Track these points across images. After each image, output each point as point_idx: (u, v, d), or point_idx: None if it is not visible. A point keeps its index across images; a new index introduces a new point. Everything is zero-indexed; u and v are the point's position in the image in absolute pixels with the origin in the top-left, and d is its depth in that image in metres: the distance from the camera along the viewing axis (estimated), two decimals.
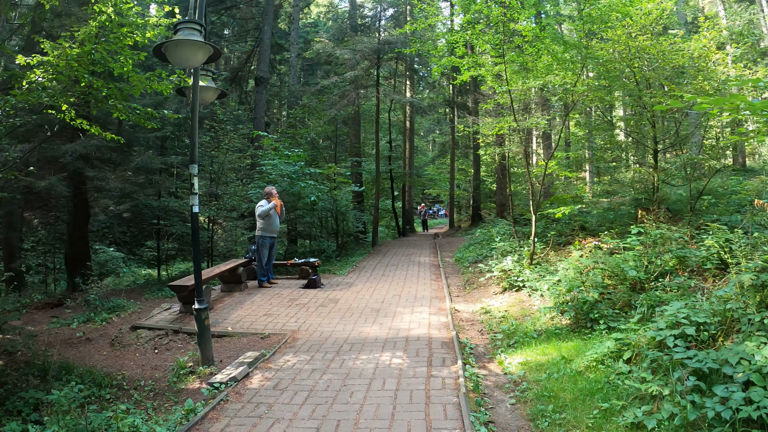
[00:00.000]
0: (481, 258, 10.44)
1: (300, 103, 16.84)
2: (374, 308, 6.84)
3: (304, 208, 11.73)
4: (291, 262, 9.39)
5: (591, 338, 5.15)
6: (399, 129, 29.04)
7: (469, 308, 6.85)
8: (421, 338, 5.43)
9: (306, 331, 5.95)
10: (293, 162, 11.22)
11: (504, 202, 20.61)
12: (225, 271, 8.30)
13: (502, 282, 7.55)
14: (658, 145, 10.00)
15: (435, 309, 6.72)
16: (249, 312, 7.01)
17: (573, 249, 9.10)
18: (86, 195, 14.44)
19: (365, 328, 5.93)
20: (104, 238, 19.72)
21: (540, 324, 5.81)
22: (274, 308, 7.12)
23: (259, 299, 7.75)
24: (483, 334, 5.81)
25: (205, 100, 5.92)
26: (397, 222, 24.63)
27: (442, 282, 8.69)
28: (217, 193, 14.66)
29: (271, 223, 8.53)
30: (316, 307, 7.06)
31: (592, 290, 5.51)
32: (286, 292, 8.16)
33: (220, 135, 14.92)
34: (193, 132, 5.13)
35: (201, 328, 5.07)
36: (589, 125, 11.17)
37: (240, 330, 6.21)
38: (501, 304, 6.74)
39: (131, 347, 6.35)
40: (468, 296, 7.57)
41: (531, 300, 6.79)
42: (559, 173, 8.91)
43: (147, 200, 16.16)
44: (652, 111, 9.04)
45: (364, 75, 16.81)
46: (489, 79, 8.30)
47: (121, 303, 8.76)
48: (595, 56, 7.70)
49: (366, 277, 9.46)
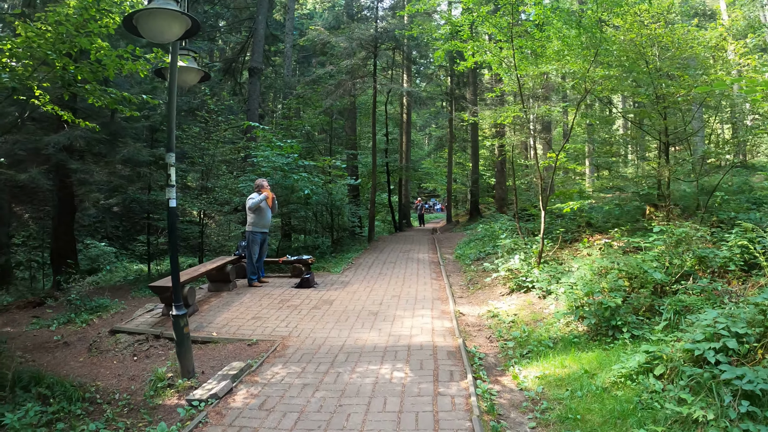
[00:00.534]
0: (484, 255, 9.95)
1: (294, 94, 16.22)
2: (372, 311, 6.32)
3: (298, 202, 11.17)
4: (283, 259, 8.85)
5: (613, 348, 4.66)
6: (395, 122, 28.47)
7: (474, 311, 6.35)
8: (424, 347, 4.92)
9: (297, 337, 5.43)
10: (286, 154, 10.64)
11: (503, 196, 20.14)
12: (212, 269, 7.76)
13: (509, 282, 7.05)
14: (669, 137, 9.52)
15: (438, 312, 6.21)
16: (236, 314, 6.48)
17: (582, 247, 8.65)
18: (72, 188, 13.84)
19: (362, 334, 5.41)
20: (96, 232, 19.24)
21: (555, 330, 5.32)
22: (263, 310, 6.59)
23: (248, 300, 7.21)
24: (492, 341, 5.31)
25: (187, 83, 5.35)
26: (393, 216, 24.11)
27: (443, 281, 8.18)
28: (207, 186, 14.09)
29: (262, 217, 7.99)
30: (309, 309, 6.53)
31: (614, 294, 5.02)
32: (277, 292, 7.62)
33: (211, 126, 14.32)
34: (170, 116, 4.56)
35: (180, 336, 4.55)
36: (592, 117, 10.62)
37: (226, 335, 5.69)
38: (509, 307, 6.25)
39: (109, 353, 5.83)
40: (472, 297, 7.07)
41: (542, 303, 6.30)
42: (568, 166, 8.40)
43: (136, 194, 15.56)
44: (666, 102, 8.55)
45: (361, 64, 16.21)
46: (495, 65, 7.76)
47: (104, 303, 8.20)
48: (610, 40, 7.18)
49: (362, 276, 8.94)
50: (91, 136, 14.11)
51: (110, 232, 19.88)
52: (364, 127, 26.46)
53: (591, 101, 17.81)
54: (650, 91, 8.01)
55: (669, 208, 9.15)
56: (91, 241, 18.67)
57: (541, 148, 20.23)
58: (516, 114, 7.95)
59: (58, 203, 14.15)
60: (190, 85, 5.48)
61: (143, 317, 6.88)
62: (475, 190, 22.55)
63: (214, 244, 15.86)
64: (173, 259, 4.58)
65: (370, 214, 15.80)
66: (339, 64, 15.16)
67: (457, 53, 22.66)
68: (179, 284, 4.54)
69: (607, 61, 7.36)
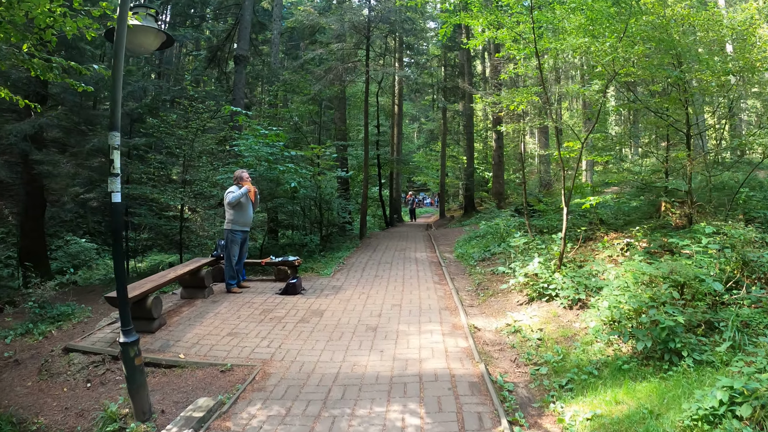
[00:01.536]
0: (489, 255, 9.03)
1: (281, 79, 15.09)
2: (370, 325, 5.35)
3: (284, 196, 10.13)
4: (266, 260, 7.82)
5: (673, 377, 3.77)
6: (386, 114, 27.43)
7: (490, 324, 5.42)
8: (439, 376, 3.97)
9: (281, 361, 4.44)
10: (272, 142, 9.58)
11: (501, 191, 19.30)
12: (184, 274, 6.71)
13: (526, 289, 6.14)
14: (691, 128, 8.68)
15: (448, 326, 5.27)
16: (210, 329, 5.46)
17: (601, 247, 7.79)
18: (41, 182, 12.63)
19: (361, 357, 4.44)
20: (77, 228, 18.17)
21: (594, 352, 4.41)
22: (242, 324, 5.58)
23: (225, 310, 6.19)
24: (519, 365, 4.38)
25: (143, 47, 4.30)
26: (384, 211, 23.12)
27: (448, 286, 7.24)
28: (185, 178, 12.97)
29: (243, 213, 6.96)
30: (296, 322, 5.53)
31: (672, 310, 4.12)
32: (259, 299, 6.61)
33: (191, 114, 13.18)
34: (114, 87, 3.52)
35: (130, 370, 3.55)
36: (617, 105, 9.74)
37: (195, 358, 4.69)
38: (532, 320, 5.32)
39: (60, 377, 4.83)
40: (485, 306, 6.14)
41: (569, 314, 5.40)
42: (594, 158, 7.50)
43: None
44: (695, 89, 7.70)
45: (353, 50, 15.14)
46: (508, 42, 6.80)
47: (66, 311, 7.09)
48: (641, 12, 6.25)
49: (356, 279, 7.96)
50: (56, 124, 12.92)
51: (92, 228, 18.82)
52: (353, 120, 25.42)
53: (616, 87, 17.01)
54: (681, 76, 7.12)
55: (690, 205, 8.33)
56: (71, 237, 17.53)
57: (537, 143, 19.38)
58: (530, 98, 7.00)
59: (26, 197, 12.94)
60: (148, 52, 4.42)
61: (103, 331, 5.86)
62: (470, 184, 21.66)
63: (195, 241, 14.77)
64: (118, 271, 3.55)
65: (362, 209, 14.79)
66: (329, 47, 14.06)
67: (451, 40, 21.70)
68: (126, 304, 3.51)
69: (638, 38, 6.43)
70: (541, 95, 6.75)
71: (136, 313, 5.64)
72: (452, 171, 29.71)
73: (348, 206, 14.71)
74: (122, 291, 3.49)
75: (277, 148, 9.68)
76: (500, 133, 17.13)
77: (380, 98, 24.57)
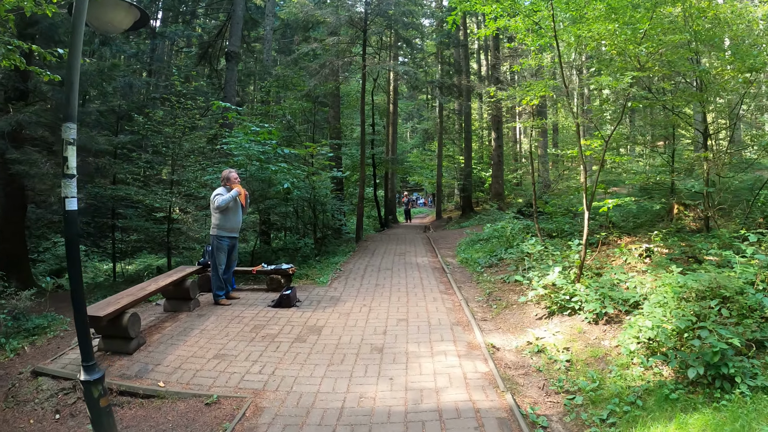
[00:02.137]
0: (497, 261, 8.48)
1: (273, 75, 14.44)
2: (375, 345, 4.76)
3: (276, 197, 9.51)
4: (257, 268, 7.20)
5: (728, 407, 3.23)
6: (381, 113, 26.87)
7: (509, 342, 4.86)
8: (461, 411, 3.39)
9: (276, 391, 3.84)
10: (263, 140, 8.95)
11: (500, 191, 18.80)
12: (167, 285, 6.08)
13: (544, 301, 5.59)
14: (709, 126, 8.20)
15: (463, 345, 4.69)
16: (195, 350, 4.85)
17: (619, 253, 7.26)
18: (20, 182, 11.89)
19: (368, 387, 3.86)
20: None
21: (633, 378, 3.86)
22: (230, 343, 4.97)
23: (212, 326, 5.58)
24: (549, 394, 3.82)
25: (113, 24, 3.67)
26: (379, 212, 22.53)
27: (456, 296, 6.67)
28: (173, 179, 12.31)
29: (231, 218, 6.34)
30: (291, 342, 4.93)
31: (726, 332, 3.58)
32: (249, 313, 5.99)
33: (178, 110, 12.51)
34: (72, 66, 2.90)
35: (95, 414, 2.94)
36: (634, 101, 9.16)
37: (177, 386, 4.07)
38: (555, 338, 4.77)
39: (27, 406, 4.23)
40: (500, 321, 5.57)
41: (596, 330, 4.85)
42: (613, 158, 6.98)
43: (94, 188, 13.63)
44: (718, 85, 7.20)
45: (348, 45, 14.54)
46: (522, 32, 6.25)
47: (42, 323, 6.41)
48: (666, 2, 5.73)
49: (356, 288, 7.36)
50: (36, 121, 12.18)
51: (81, 229, 18.13)
52: (347, 119, 24.84)
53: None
54: (707, 71, 6.63)
55: (711, 207, 7.84)
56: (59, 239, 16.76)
57: (539, 145, 18.90)
58: (545, 93, 6.45)
59: (5, 198, 12.18)
60: (119, 30, 3.80)
61: (76, 351, 5.26)
62: (468, 184, 21.14)
63: (185, 244, 14.09)
64: (76, 293, 2.92)
65: (358, 210, 14.19)
66: (324, 42, 13.44)
67: (447, 36, 21.18)
68: (87, 334, 2.89)
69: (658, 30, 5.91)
70: (555, 90, 6.18)
71: (112, 331, 5.04)
72: (447, 171, 29.23)
73: (343, 207, 14.11)
74: (81, 317, 2.87)
75: (269, 147, 9.06)
76: (500, 132, 16.64)
77: (375, 97, 24.02)
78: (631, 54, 5.11)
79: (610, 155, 7.32)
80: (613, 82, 4.76)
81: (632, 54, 5.07)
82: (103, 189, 12.96)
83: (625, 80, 4.55)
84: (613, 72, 5.26)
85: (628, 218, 9.60)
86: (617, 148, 10.51)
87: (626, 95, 5.37)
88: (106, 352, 5.05)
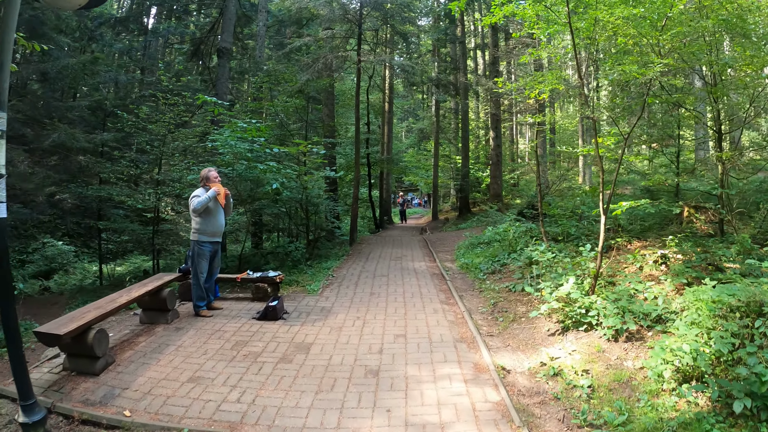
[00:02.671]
0: (500, 267, 7.98)
1: (264, 69, 13.86)
2: (370, 367, 4.22)
3: (265, 198, 8.95)
4: (242, 276, 6.63)
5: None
6: (376, 112, 26.33)
7: (520, 363, 4.33)
8: None
9: (255, 425, 3.30)
10: (250, 138, 8.39)
11: (498, 192, 18.30)
12: (143, 295, 5.52)
13: (556, 314, 5.08)
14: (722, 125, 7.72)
15: (469, 368, 4.17)
16: (168, 371, 4.30)
17: (631, 259, 6.77)
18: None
19: (362, 420, 3.32)
20: (56, 229, 16.85)
21: (666, 407, 3.36)
22: (208, 363, 4.42)
23: (189, 342, 5.03)
24: (570, 427, 3.30)
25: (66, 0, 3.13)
26: (374, 213, 21.98)
27: (458, 307, 6.15)
28: (157, 179, 11.72)
29: (211, 221, 5.79)
30: (276, 362, 4.39)
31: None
32: (231, 327, 5.44)
33: (164, 107, 11.92)
34: (4, 43, 2.35)
35: None
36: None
37: (145, 416, 3.53)
38: (572, 358, 4.26)
39: None
40: (507, 336, 5.05)
41: (617, 349, 4.34)
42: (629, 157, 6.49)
43: (78, 188, 13.03)
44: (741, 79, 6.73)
45: (344, 38, 13.99)
46: (531, 20, 5.74)
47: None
48: None
49: (348, 298, 6.82)
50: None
51: (71, 229, 17.55)
52: (341, 118, 24.30)
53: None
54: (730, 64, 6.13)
55: (730, 210, 7.37)
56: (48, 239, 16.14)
57: (538, 145, 18.41)
58: (554, 87, 5.93)
59: None
60: (73, 7, 3.25)
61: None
62: (465, 185, 20.63)
63: (171, 248, 13.52)
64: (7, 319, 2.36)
65: (352, 211, 13.64)
66: (317, 35, 12.88)
67: (444, 33, 20.66)
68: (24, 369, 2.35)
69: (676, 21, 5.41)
70: (565, 83, 5.66)
71: (76, 349, 4.50)
72: (443, 171, 28.75)
73: (336, 208, 13.55)
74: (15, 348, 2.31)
75: (258, 144, 8.50)
76: (499, 131, 16.14)
77: (370, 96, 23.48)
78: (653, 41, 4.61)
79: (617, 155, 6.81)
80: (642, 70, 4.25)
81: (655, 41, 4.57)
82: (85, 189, 12.37)
83: (655, 69, 4.06)
84: (633, 63, 4.74)
85: (634, 221, 9.13)
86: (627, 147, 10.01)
87: (648, 88, 4.87)
88: (71, 372, 4.50)
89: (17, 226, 14.59)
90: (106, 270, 15.67)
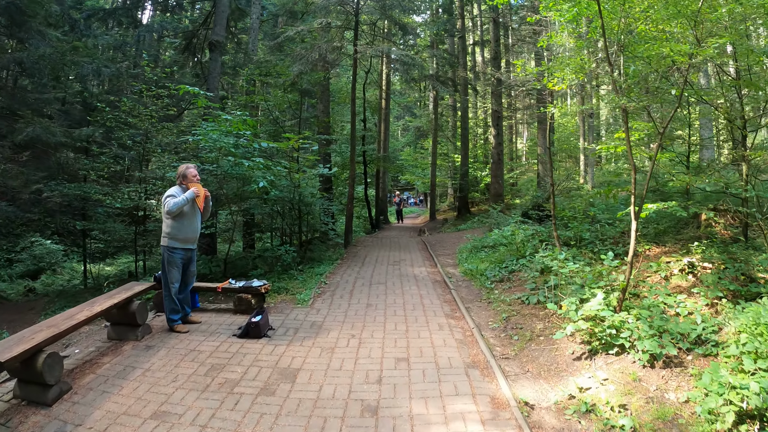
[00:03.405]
0: (508, 274, 7.33)
1: (255, 61, 13.15)
2: (367, 403, 3.55)
3: (252, 197, 8.27)
4: (223, 285, 5.93)
5: None
6: (373, 109, 25.63)
7: (545, 395, 3.68)
8: None
9: None
10: (235, 131, 7.70)
11: (500, 192, 17.68)
12: (110, 308, 4.84)
13: (580, 333, 4.43)
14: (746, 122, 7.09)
15: (486, 402, 3.51)
16: (130, 403, 3.63)
17: (655, 268, 6.14)
18: None
19: None
20: (45, 228, 16.19)
21: None
22: (177, 393, 3.74)
23: (159, 365, 4.35)
24: None
25: None
26: (370, 212, 21.30)
27: (465, 321, 5.49)
28: (139, 176, 11.01)
29: (186, 225, 5.10)
30: (255, 394, 3.71)
31: None
32: (208, 346, 4.76)
33: (147, 99, 11.22)
34: None
35: None
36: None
37: None
38: (606, 389, 3.61)
39: None
40: (525, 358, 4.40)
41: (656, 378, 3.70)
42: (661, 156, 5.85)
43: (56, 186, 12.31)
44: None
45: (340, 29, 13.29)
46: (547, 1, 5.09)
47: None
48: None
49: (342, 310, 6.14)
50: None
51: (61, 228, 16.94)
52: (336, 116, 23.60)
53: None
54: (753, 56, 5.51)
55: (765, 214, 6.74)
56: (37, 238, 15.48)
57: (539, 142, 17.79)
58: (574, 76, 5.28)
59: None
60: None
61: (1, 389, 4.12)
62: (464, 184, 19.98)
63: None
64: None
65: (347, 212, 12.95)
66: (311, 24, 12.18)
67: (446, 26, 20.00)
68: None
69: None
70: (588, 74, 5.02)
71: (26, 375, 3.86)
72: (441, 170, 28.12)
73: (331, 207, 12.87)
74: None
75: (245, 139, 7.81)
76: (500, 129, 15.51)
77: (367, 93, 22.80)
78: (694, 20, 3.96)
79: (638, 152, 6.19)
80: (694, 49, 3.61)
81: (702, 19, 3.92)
82: (63, 187, 11.64)
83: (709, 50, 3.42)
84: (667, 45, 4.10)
85: (648, 224, 8.52)
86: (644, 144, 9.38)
87: (686, 75, 4.22)
88: (21, 401, 3.85)
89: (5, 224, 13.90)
90: (95, 270, 15.02)
